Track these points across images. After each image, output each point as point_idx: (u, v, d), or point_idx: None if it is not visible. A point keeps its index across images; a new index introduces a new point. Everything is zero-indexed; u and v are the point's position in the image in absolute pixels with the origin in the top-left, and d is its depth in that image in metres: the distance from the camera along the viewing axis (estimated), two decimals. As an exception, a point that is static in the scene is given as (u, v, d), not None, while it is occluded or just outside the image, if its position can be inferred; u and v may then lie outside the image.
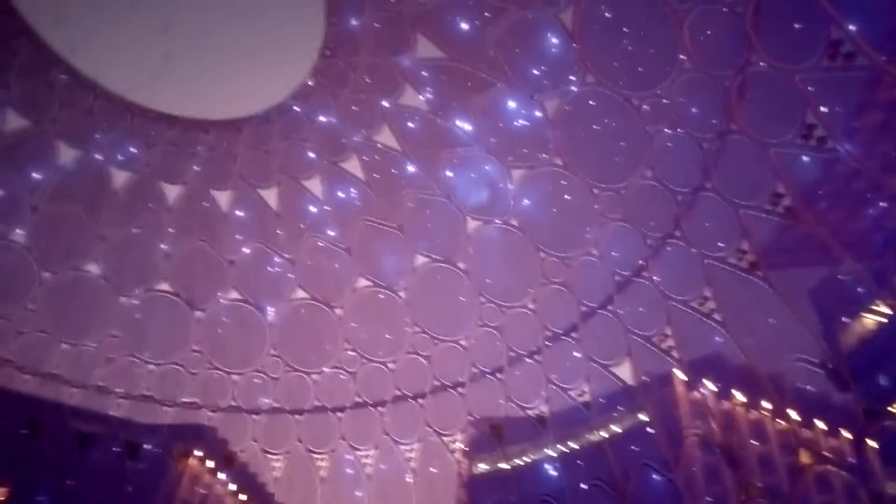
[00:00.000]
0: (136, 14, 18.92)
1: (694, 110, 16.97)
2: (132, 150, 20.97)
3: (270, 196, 22.34)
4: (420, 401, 22.56)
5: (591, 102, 17.83)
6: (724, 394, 17.92)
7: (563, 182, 19.00)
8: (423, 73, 18.85)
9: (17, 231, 20.88)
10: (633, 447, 18.67)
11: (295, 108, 20.21)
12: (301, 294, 22.92)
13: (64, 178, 20.82)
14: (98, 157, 20.85)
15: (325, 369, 23.00)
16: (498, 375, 21.36)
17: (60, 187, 20.81)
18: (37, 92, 19.58)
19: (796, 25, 14.38)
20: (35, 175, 20.82)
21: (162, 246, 22.07)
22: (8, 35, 18.27)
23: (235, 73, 20.57)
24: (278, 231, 22.15)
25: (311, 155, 21.37)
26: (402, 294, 22.14)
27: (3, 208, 20.90)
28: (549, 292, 20.48)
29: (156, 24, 19.13)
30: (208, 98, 20.88)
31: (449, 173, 20.05)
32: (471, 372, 21.83)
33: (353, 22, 18.18)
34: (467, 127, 19.00)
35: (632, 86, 17.38)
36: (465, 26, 18.15)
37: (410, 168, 20.61)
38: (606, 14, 16.86)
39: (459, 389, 21.92)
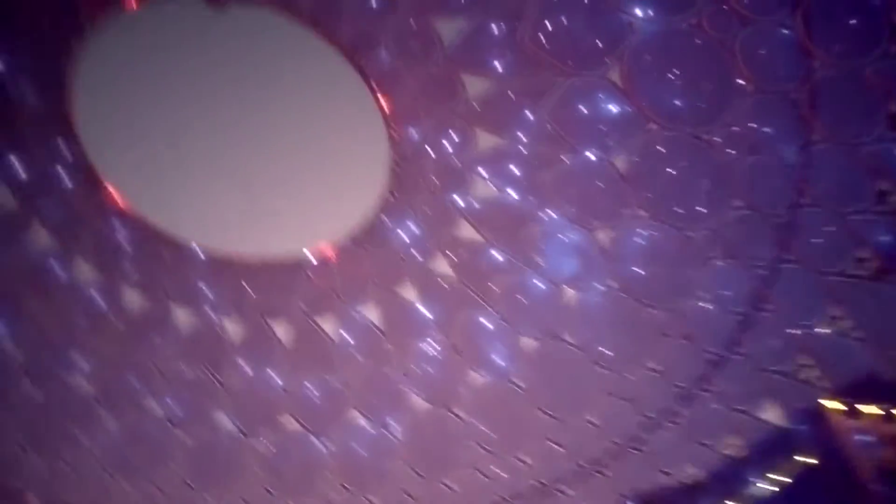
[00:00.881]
0: (210, 174, 19.56)
1: (767, 130, 16.46)
2: (237, 298, 21.78)
3: (370, 311, 22.75)
4: (565, 490, 21.32)
5: (659, 148, 17.56)
6: (889, 416, 16.03)
7: (652, 232, 18.51)
8: (488, 163, 19.39)
9: (153, 401, 21.66)
10: (806, 494, 17.08)
11: (377, 223, 20.70)
12: (419, 402, 22.49)
13: (184, 341, 21.55)
14: (210, 312, 21.68)
15: (461, 475, 22.20)
16: (638, 446, 20.48)
17: (183, 350, 21.51)
18: (150, 268, 20.86)
19: (851, 21, 14.12)
20: (158, 341, 21.43)
21: (280, 382, 22.34)
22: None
23: (313, 204, 20.79)
24: (386, 345, 22.27)
25: (401, 263, 21.44)
26: (516, 381, 21.68)
27: (141, 380, 21.65)
28: (669, 347, 19.33)
29: (226, 178, 19.73)
30: (293, 233, 20.96)
31: (534, 250, 19.95)
32: (610, 448, 20.93)
33: (414, 132, 18.71)
34: (542, 202, 19.02)
35: (697, 122, 17.16)
36: (517, 111, 18.27)
37: (495, 254, 20.64)
38: (653, 62, 16.80)
39: (603, 470, 20.68)
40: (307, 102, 17.63)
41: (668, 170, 17.70)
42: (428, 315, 21.86)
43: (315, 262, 20.98)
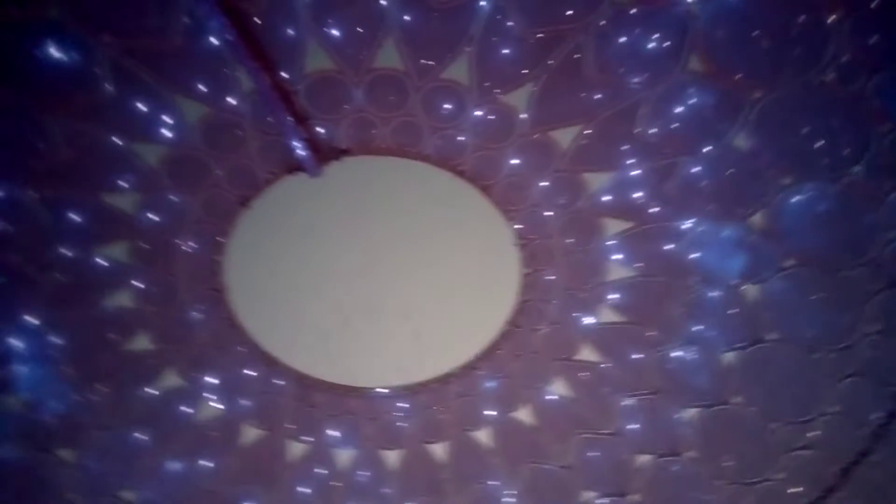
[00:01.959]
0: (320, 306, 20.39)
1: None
2: (351, 430, 21.07)
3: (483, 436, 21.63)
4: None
5: (791, 283, 16.68)
6: None
7: (783, 358, 16.98)
8: (614, 295, 18.79)
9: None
10: None
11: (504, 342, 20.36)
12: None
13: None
14: (329, 444, 20.79)
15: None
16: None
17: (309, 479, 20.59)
18: (269, 403, 20.14)
19: None
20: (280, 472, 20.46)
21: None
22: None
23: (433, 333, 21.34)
24: (497, 467, 20.84)
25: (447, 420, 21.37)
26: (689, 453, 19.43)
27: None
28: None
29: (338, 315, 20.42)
30: (406, 362, 21.50)
31: (659, 372, 18.94)
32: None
33: (548, 275, 18.53)
34: (673, 329, 18.24)
35: (831, 266, 16.38)
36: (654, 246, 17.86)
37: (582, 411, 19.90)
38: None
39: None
40: (451, 248, 18.23)
41: (805, 299, 16.52)
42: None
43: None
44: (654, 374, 18.16)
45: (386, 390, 19.71)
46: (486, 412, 20.43)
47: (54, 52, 12.28)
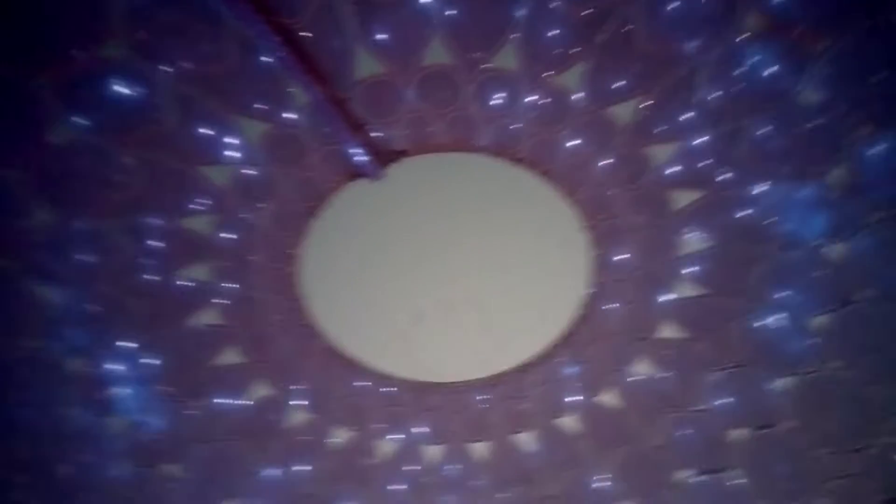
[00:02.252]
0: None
1: None
2: (437, 425, 21.20)
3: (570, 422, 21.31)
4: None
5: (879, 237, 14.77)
6: None
7: (880, 316, 15.67)
8: (691, 268, 18.26)
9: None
10: None
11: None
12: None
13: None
14: (417, 441, 20.99)
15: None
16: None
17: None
18: (355, 405, 20.55)
19: None
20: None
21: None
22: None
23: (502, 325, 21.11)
24: (587, 453, 20.53)
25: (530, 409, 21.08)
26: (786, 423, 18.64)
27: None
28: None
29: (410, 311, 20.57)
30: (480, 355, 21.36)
31: (746, 343, 18.16)
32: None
33: (620, 255, 18.20)
34: (757, 297, 17.47)
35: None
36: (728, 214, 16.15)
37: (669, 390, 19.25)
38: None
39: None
40: (518, 236, 18.06)
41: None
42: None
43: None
44: (742, 345, 17.54)
45: (467, 383, 19.80)
46: (569, 398, 20.19)
47: (119, 87, 12.88)
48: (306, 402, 19.97)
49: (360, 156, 14.37)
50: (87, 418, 17.50)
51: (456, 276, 18.68)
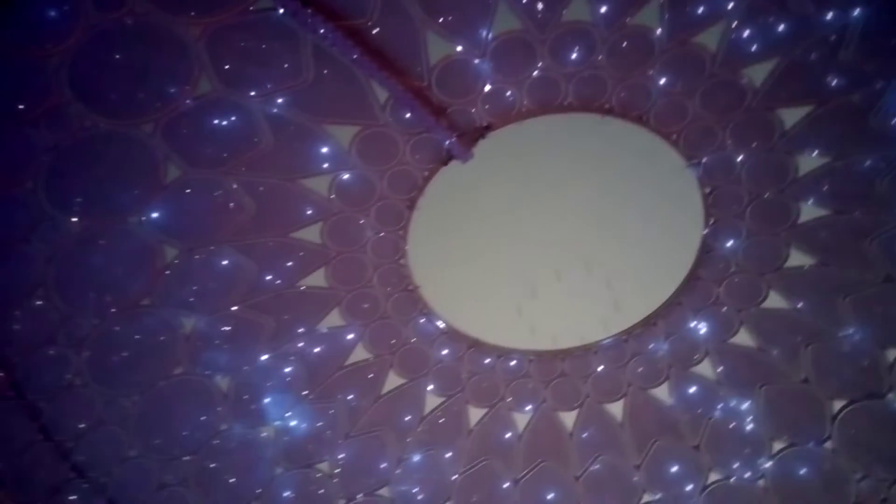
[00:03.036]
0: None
1: None
2: (567, 391, 21.09)
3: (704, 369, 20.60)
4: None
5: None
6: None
7: None
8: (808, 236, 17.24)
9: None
10: None
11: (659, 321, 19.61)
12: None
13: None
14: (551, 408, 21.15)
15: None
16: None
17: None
18: (484, 383, 20.84)
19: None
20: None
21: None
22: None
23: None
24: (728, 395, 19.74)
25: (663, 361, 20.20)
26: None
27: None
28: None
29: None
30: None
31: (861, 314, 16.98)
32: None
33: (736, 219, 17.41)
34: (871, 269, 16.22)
35: None
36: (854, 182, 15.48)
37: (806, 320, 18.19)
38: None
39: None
40: (627, 197, 17.68)
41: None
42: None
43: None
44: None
45: (590, 346, 19.57)
46: (701, 345, 19.47)
47: (216, 120, 13.60)
48: (436, 387, 20.45)
49: (446, 140, 14.44)
50: (241, 430, 18.75)
51: (565, 240, 18.45)
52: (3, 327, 14.87)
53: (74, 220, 14.84)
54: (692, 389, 20.26)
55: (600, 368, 20.51)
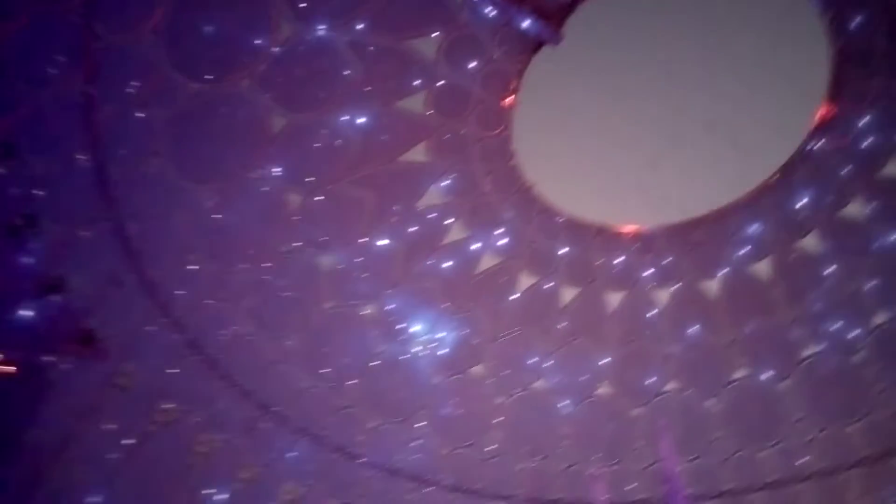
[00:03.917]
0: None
1: None
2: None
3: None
4: None
5: None
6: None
7: None
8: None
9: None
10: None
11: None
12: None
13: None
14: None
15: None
16: None
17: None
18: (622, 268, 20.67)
19: None
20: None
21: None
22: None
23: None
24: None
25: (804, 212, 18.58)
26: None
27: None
28: None
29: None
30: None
31: None
32: None
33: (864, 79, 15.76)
34: None
35: None
36: None
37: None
38: None
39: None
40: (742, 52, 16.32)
41: None
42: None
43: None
44: None
45: (723, 209, 18.58)
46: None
47: (306, 61, 13.83)
48: (569, 280, 20.49)
49: (532, 24, 13.82)
50: (395, 350, 19.93)
51: (681, 104, 17.34)
52: (171, 292, 16.40)
53: (205, 187, 15.89)
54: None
55: (740, 229, 19.57)
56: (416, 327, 20.79)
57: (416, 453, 20.56)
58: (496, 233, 19.83)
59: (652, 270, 20.60)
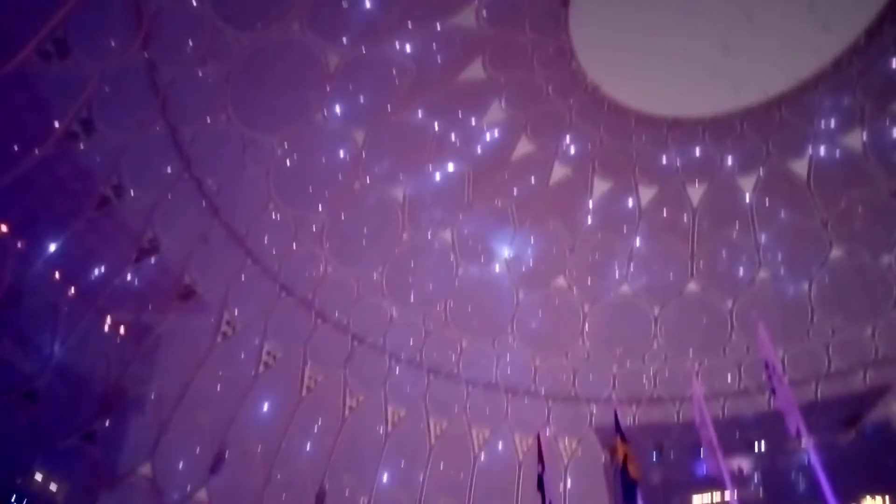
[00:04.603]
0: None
1: None
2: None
3: None
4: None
5: None
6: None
7: None
8: None
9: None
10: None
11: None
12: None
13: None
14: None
15: None
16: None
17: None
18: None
19: None
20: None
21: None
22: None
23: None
24: None
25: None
26: None
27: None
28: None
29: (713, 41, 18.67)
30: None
31: None
32: None
33: None
34: None
35: None
36: None
37: None
38: None
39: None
40: None
41: None
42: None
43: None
44: None
45: (805, 83, 17.40)
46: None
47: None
48: (650, 179, 20.03)
49: None
50: (475, 270, 20.53)
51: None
52: (257, 241, 16.95)
53: (272, 135, 16.10)
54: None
55: (825, 101, 18.35)
56: (494, 246, 20.91)
57: (509, 367, 21.05)
58: (565, 141, 19.35)
59: (734, 157, 19.78)
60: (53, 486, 14.72)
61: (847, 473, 18.54)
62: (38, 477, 14.28)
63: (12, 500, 12.46)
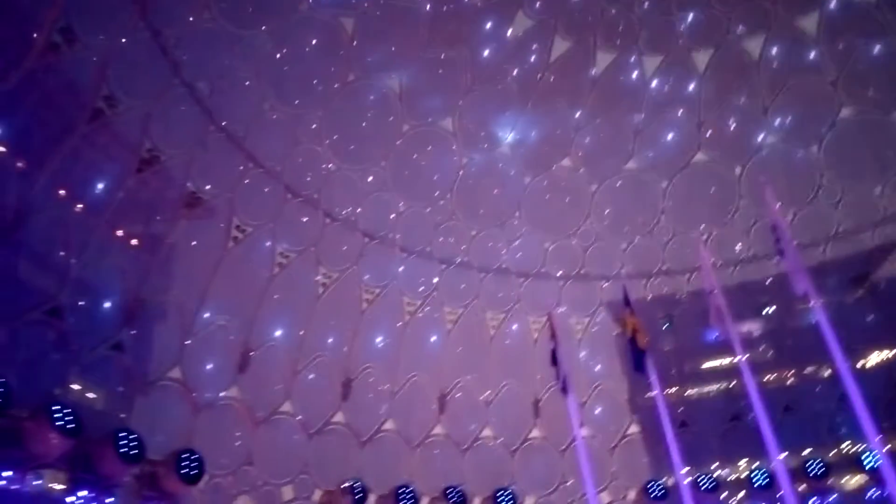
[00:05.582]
0: None
1: None
2: None
3: None
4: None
5: None
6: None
7: None
8: None
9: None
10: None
11: None
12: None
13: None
14: None
15: None
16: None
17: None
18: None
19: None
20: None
21: None
22: None
23: None
24: None
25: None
26: None
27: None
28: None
29: None
30: None
31: None
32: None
33: None
34: None
35: None
36: None
37: None
38: None
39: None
40: None
41: None
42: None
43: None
44: None
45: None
46: None
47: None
48: (639, 39, 19.52)
49: None
50: (480, 158, 20.52)
51: None
52: (255, 142, 16.73)
53: (258, 31, 15.60)
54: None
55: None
56: (496, 131, 20.55)
57: (519, 251, 21.21)
58: (562, 14, 18.58)
59: (739, 19, 18.96)
60: (90, 395, 15.42)
61: (856, 330, 19.08)
62: (75, 386, 14.92)
63: (55, 409, 13.07)
